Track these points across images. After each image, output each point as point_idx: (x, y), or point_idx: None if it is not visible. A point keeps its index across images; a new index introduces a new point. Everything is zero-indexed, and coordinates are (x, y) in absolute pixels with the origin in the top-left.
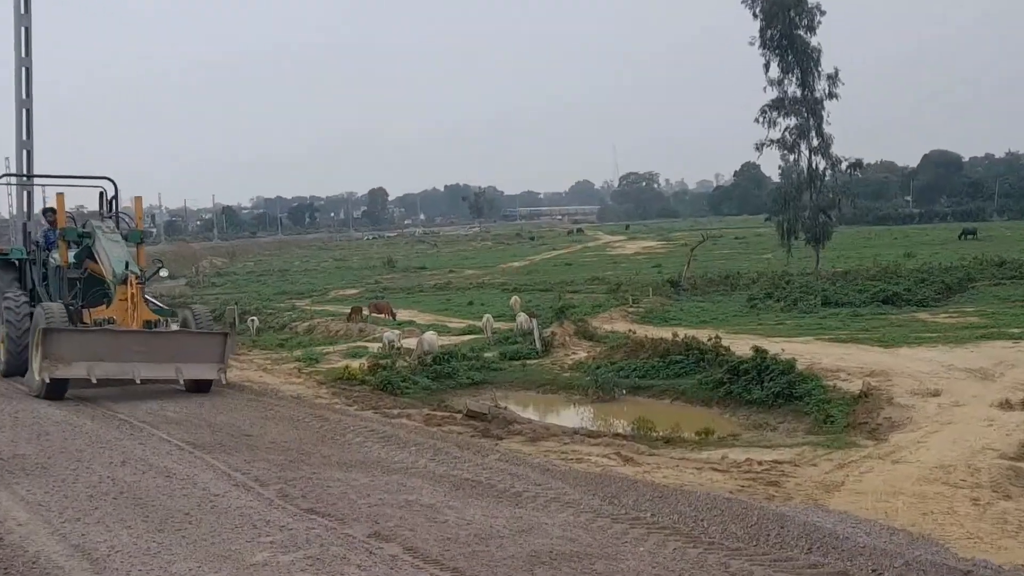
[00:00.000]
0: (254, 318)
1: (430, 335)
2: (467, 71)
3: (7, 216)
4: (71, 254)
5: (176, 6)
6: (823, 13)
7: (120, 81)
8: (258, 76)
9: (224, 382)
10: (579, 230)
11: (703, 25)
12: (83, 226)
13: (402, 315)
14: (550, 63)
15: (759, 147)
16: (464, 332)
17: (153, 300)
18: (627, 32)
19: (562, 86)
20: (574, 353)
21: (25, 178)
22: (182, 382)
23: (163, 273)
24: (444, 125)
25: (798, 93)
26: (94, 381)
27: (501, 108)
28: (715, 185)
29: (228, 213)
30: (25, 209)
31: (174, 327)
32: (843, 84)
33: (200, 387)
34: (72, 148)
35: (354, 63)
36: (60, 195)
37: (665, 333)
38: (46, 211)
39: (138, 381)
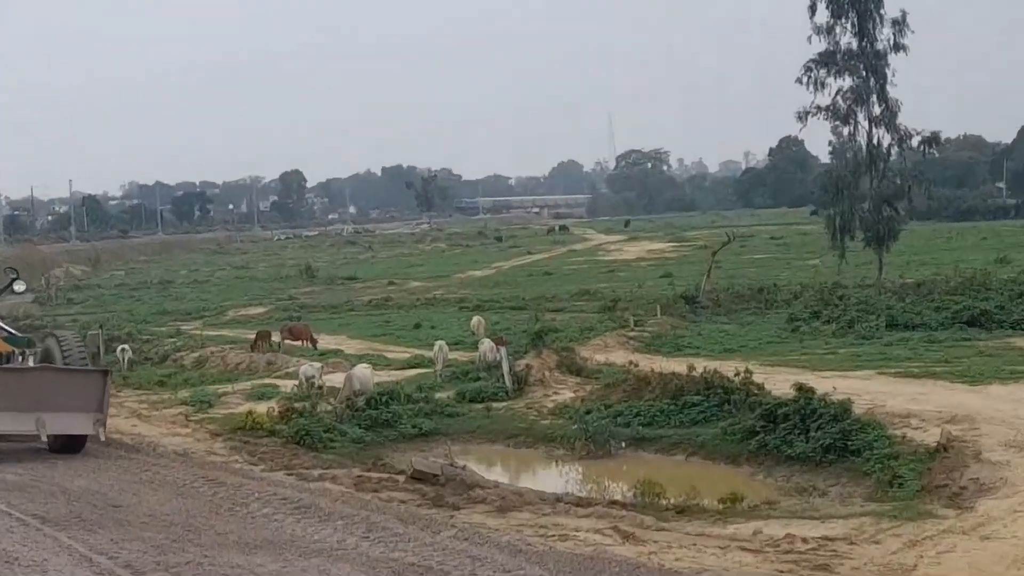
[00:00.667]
0: (125, 347)
1: (362, 369)
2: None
3: None
4: None
5: None
6: None
7: None
8: None
9: (103, 438)
10: (562, 228)
11: None
12: None
13: (325, 343)
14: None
15: (802, 117)
16: (409, 365)
17: (2, 326)
18: None
19: (535, 27)
20: (556, 393)
21: None
22: (44, 438)
23: (18, 287)
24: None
25: (854, 44)
26: None
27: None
28: (744, 167)
29: (91, 205)
30: None
31: (32, 363)
32: (913, 33)
33: (69, 446)
34: None
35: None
36: None
37: (678, 366)
38: None
39: None
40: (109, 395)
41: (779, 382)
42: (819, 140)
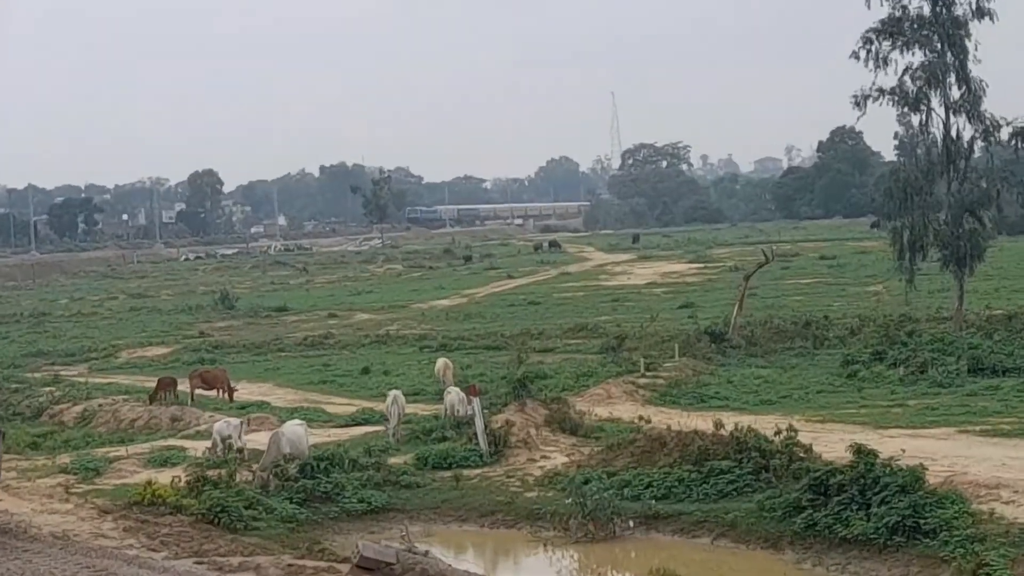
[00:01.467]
0: None
1: (294, 428)
2: None
3: None
4: None
5: None
6: None
7: None
8: None
9: None
10: (552, 244)
11: None
12: None
13: (246, 393)
14: None
15: (860, 102)
16: (355, 422)
17: None
18: None
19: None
20: (545, 457)
21: None
22: None
23: None
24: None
25: (925, 9)
26: None
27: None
28: (785, 166)
29: None
30: None
31: None
32: None
33: None
34: None
35: None
36: None
37: (702, 422)
38: None
39: None
40: None
41: (832, 443)
42: (882, 132)
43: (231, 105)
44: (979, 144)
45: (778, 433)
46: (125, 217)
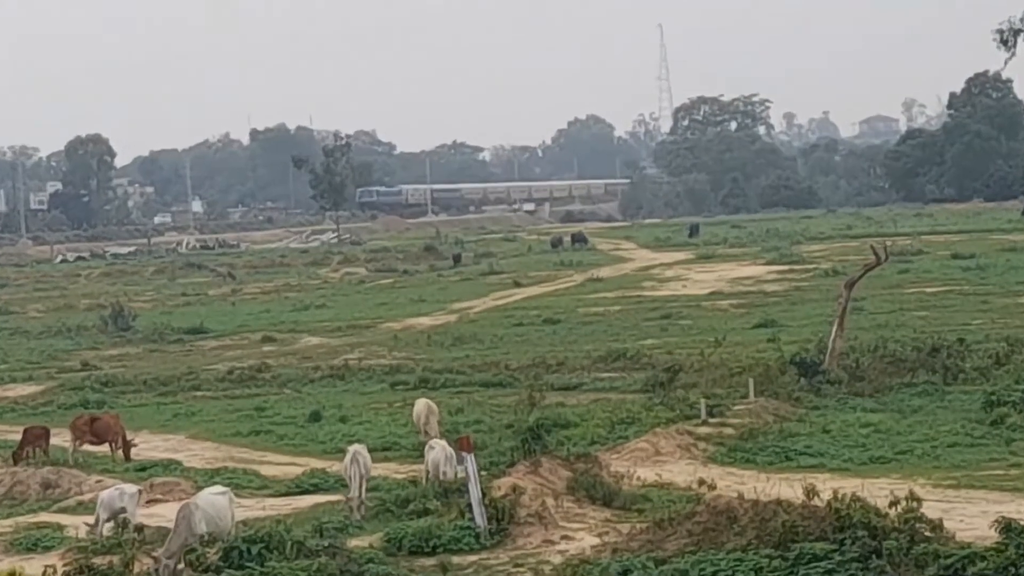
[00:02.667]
0: None
1: (213, 498)
2: None
3: None
4: None
5: None
6: None
7: None
8: None
9: None
10: (577, 238)
11: None
12: None
13: (148, 447)
14: None
15: (1007, 38)
16: (300, 488)
17: None
18: None
19: None
20: (568, 537)
21: None
22: None
23: None
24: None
25: None
26: None
27: None
28: (904, 129)
29: None
30: None
31: None
32: None
33: None
34: None
35: None
36: None
37: (787, 488)
38: None
39: None
40: None
41: (970, 517)
42: None
43: (124, 47)
44: None
45: (894, 504)
46: None
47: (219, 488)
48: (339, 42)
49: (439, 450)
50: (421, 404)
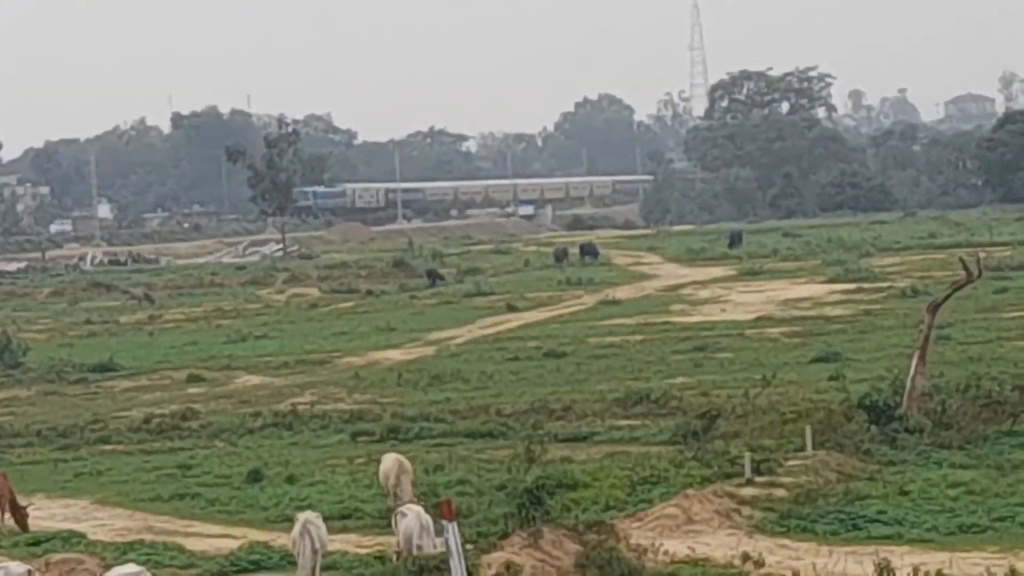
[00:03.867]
0: None
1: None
2: None
3: None
4: None
5: None
6: None
7: None
8: None
9: None
10: (587, 250)
11: None
12: None
13: (43, 515)
14: None
15: None
16: (236, 567)
17: None
18: None
19: None
20: None
21: None
22: None
23: None
24: None
25: None
26: None
27: None
28: (1001, 110)
29: None
30: None
31: None
32: None
33: None
34: None
35: None
36: None
37: (855, 565)
38: None
39: None
40: None
41: None
42: None
43: (9, 9)
44: None
45: None
46: None
47: (131, 568)
48: (284, 3)
49: (412, 518)
50: (390, 460)
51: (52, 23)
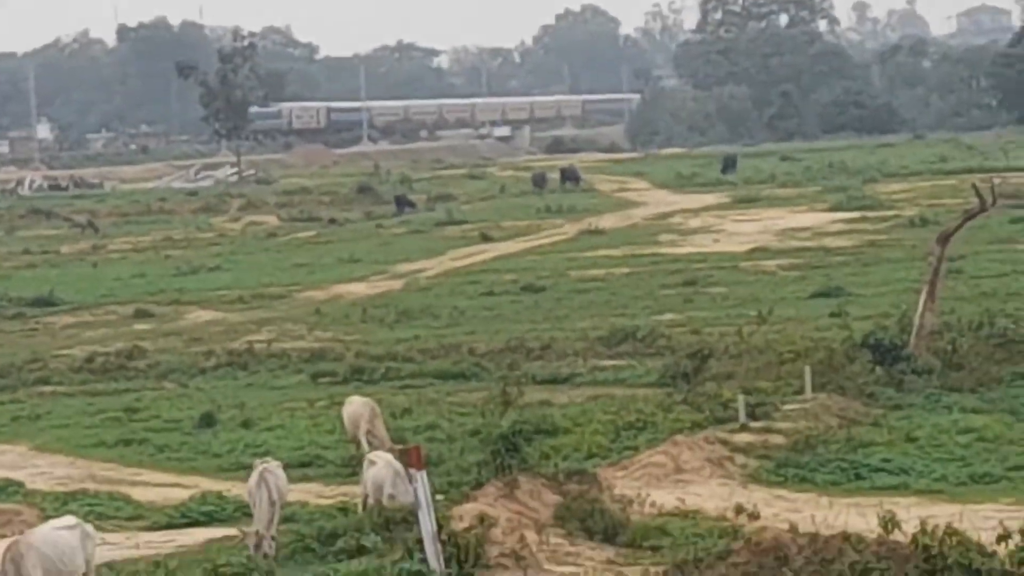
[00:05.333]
0: None
1: (58, 533)
2: None
3: None
4: None
5: None
6: None
7: None
8: None
9: None
10: (568, 175)
11: None
12: None
13: None
14: None
15: None
16: (187, 519)
17: None
18: None
19: None
20: None
21: None
22: None
23: None
24: None
25: None
26: None
27: None
28: (1019, 24)
29: None
30: None
31: None
32: None
33: None
34: None
35: None
36: None
37: (858, 517)
38: None
39: None
40: None
41: None
42: None
43: None
44: None
45: (1004, 539)
46: None
47: (68, 520)
48: None
49: (383, 466)
50: (359, 403)
51: None
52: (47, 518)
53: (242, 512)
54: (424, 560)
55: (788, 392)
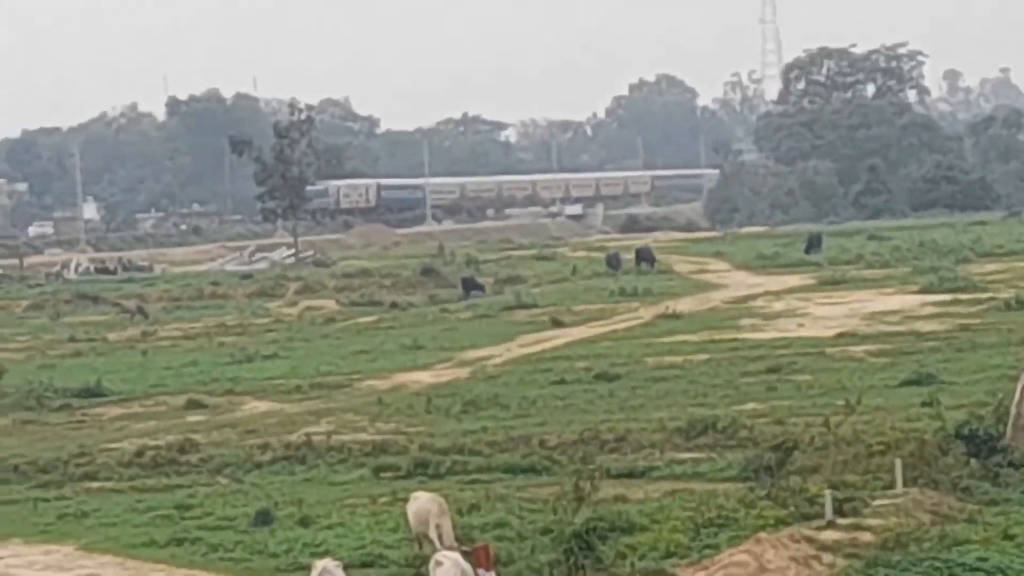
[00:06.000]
0: None
1: None
2: None
3: None
4: None
5: None
6: None
7: None
8: None
9: None
10: (643, 255)
11: None
12: None
13: (22, 563)
14: None
15: None
16: None
17: None
18: None
19: None
20: None
21: None
22: None
23: None
24: None
25: None
26: None
27: None
28: None
29: None
30: None
31: None
32: None
33: None
34: None
35: None
36: None
37: None
38: None
39: None
40: None
41: None
42: None
43: None
44: None
45: None
46: None
47: None
48: None
49: (450, 566)
50: (425, 498)
51: None
52: None
53: None
54: None
55: (878, 487)
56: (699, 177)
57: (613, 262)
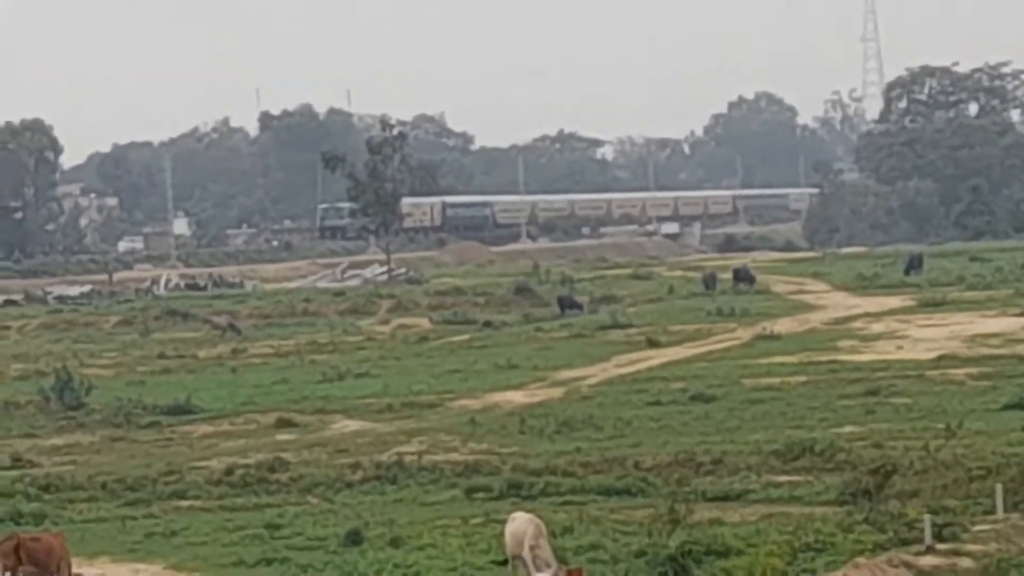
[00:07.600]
0: None
1: None
2: None
3: None
4: None
5: None
6: None
7: None
8: None
9: None
10: (741, 275)
11: None
12: None
13: None
14: None
15: None
16: None
17: None
18: None
19: None
20: None
21: None
22: None
23: None
24: None
25: None
26: None
27: None
28: None
29: None
30: None
31: None
32: None
33: None
34: None
35: None
36: None
37: None
38: None
39: None
40: None
41: None
42: None
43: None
44: None
45: None
46: None
47: None
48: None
49: None
50: (523, 519)
51: (120, 10)
52: None
53: None
54: None
55: (978, 512)
56: (784, 196)
57: (709, 282)
